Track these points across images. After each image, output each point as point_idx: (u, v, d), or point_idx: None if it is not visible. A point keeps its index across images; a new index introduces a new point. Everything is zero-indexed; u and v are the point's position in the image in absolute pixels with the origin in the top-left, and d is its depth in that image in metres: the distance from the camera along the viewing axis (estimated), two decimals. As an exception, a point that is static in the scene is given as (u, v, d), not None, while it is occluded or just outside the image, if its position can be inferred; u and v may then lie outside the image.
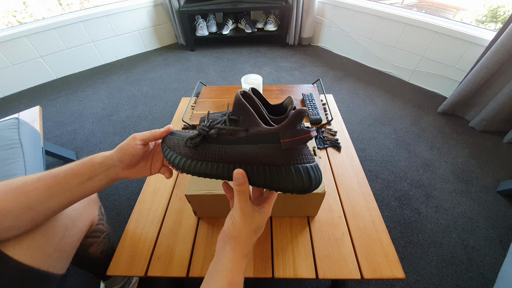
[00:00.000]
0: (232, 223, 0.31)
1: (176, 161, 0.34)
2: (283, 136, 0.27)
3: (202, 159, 0.32)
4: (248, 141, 0.29)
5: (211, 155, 0.31)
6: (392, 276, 0.49)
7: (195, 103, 0.89)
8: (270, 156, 0.28)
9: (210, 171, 0.31)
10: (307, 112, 0.27)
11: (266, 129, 0.28)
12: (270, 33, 2.14)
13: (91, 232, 0.55)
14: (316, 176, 0.28)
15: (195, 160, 0.32)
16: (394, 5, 1.72)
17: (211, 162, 0.31)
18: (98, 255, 0.60)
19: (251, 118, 0.29)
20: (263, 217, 0.32)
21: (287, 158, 0.27)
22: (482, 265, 0.82)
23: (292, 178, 0.27)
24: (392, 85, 1.69)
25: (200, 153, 0.32)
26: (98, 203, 0.59)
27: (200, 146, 0.33)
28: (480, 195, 1.02)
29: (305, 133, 0.26)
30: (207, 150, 0.32)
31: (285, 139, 0.27)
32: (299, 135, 0.26)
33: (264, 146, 0.28)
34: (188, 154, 0.33)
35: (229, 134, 0.31)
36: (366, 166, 1.14)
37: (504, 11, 2.01)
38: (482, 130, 1.31)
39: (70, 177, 0.36)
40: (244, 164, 0.30)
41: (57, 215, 0.44)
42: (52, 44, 1.74)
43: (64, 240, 0.45)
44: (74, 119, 1.48)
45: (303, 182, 0.27)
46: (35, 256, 0.40)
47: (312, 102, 0.82)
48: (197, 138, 0.33)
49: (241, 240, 0.31)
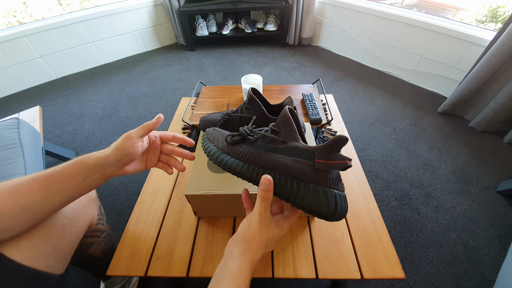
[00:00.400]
0: (248, 226, 0.31)
1: (212, 152, 0.36)
2: (319, 156, 0.28)
3: (236, 157, 0.34)
4: (284, 152, 0.31)
5: (245, 155, 0.33)
6: (392, 276, 0.49)
7: (195, 103, 0.89)
8: (301, 171, 0.28)
9: (240, 170, 0.33)
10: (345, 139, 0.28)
11: (304, 145, 0.30)
12: (270, 33, 2.14)
13: (91, 232, 0.55)
14: (342, 206, 0.27)
15: (230, 155, 0.35)
16: (394, 5, 1.72)
17: (243, 161, 0.33)
18: (98, 255, 0.60)
19: (292, 133, 0.31)
20: (278, 231, 0.32)
21: (318, 178, 0.28)
22: (482, 265, 0.82)
23: (318, 199, 0.27)
24: (392, 85, 1.70)
25: (236, 150, 0.34)
26: (98, 203, 0.59)
27: (238, 145, 0.35)
28: (480, 195, 1.02)
29: (341, 159, 0.27)
30: (243, 150, 0.34)
31: (320, 159, 0.27)
32: (334, 160, 0.27)
33: (298, 160, 0.29)
34: (224, 149, 0.36)
35: (267, 142, 0.33)
36: (366, 166, 1.14)
37: (504, 11, 2.01)
38: (482, 130, 1.31)
39: (66, 178, 0.36)
40: (274, 171, 0.30)
41: (54, 215, 0.44)
42: (52, 44, 1.74)
43: (62, 240, 0.45)
44: (74, 119, 1.48)
45: (328, 206, 0.27)
46: (32, 256, 0.40)
47: (312, 102, 0.82)
48: (237, 136, 0.35)
49: (252, 246, 0.30)
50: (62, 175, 0.36)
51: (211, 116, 0.67)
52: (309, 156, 0.28)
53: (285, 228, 0.33)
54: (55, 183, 0.35)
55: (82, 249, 0.54)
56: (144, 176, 1.09)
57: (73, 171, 0.36)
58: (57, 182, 0.35)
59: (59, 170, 0.36)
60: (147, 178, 0.69)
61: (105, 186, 1.08)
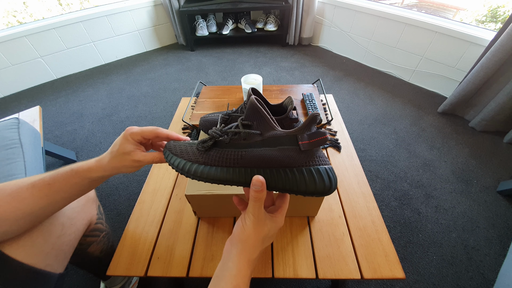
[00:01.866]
0: (243, 227, 0.31)
1: (186, 167, 0.32)
2: (302, 138, 0.27)
3: (215, 164, 0.31)
4: (265, 145, 0.29)
5: (225, 159, 0.30)
6: (392, 276, 0.49)
7: (195, 103, 0.89)
8: (289, 157, 0.28)
9: (226, 176, 0.30)
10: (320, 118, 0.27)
11: (283, 132, 0.28)
12: (270, 33, 2.14)
13: (90, 231, 0.55)
14: (334, 177, 0.28)
15: (208, 165, 0.31)
16: (394, 5, 1.72)
17: (226, 167, 0.30)
18: (97, 254, 0.60)
19: (266, 122, 0.29)
20: (274, 226, 0.32)
21: (307, 159, 0.27)
22: (482, 265, 0.82)
23: (314, 179, 0.27)
24: (392, 85, 1.70)
25: (213, 157, 0.31)
26: (97, 202, 0.59)
27: (213, 150, 0.32)
28: (480, 195, 1.02)
29: (321, 135, 0.27)
30: (221, 155, 0.31)
31: (304, 141, 0.27)
32: (316, 137, 0.27)
33: (283, 148, 0.28)
34: (199, 160, 0.32)
35: (243, 139, 0.31)
36: (366, 166, 1.14)
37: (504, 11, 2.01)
38: (482, 130, 1.31)
39: (68, 188, 0.36)
40: (263, 167, 0.29)
41: (54, 214, 0.44)
42: (52, 44, 1.74)
43: (62, 239, 0.45)
44: (74, 119, 1.48)
45: (324, 183, 0.27)
46: (32, 255, 0.40)
47: (312, 102, 0.82)
48: (209, 141, 0.32)
49: (249, 245, 0.30)
50: (63, 184, 0.36)
51: (211, 116, 0.67)
52: (291, 141, 0.28)
53: (280, 220, 0.33)
54: (57, 191, 0.36)
55: (82, 248, 0.54)
56: (144, 176, 1.09)
57: (76, 183, 0.36)
58: (59, 190, 0.36)
59: (59, 179, 0.36)
60: (147, 178, 0.69)
61: (105, 186, 1.08)
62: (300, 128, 0.27)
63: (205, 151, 0.32)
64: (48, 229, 0.43)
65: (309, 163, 0.27)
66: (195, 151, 0.33)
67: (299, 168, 0.27)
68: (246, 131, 0.30)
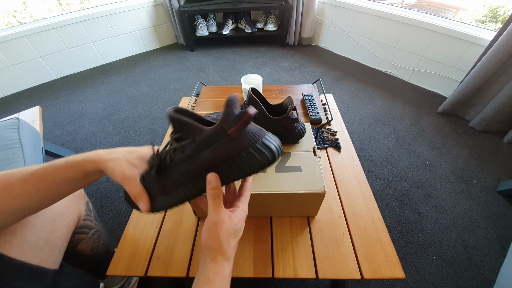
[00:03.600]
0: (208, 233, 0.30)
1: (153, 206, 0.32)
2: (228, 127, 0.27)
3: (171, 189, 0.31)
4: (201, 149, 0.29)
5: (175, 181, 0.30)
6: (392, 276, 0.49)
7: (195, 103, 0.89)
8: (227, 150, 0.28)
9: (186, 194, 0.31)
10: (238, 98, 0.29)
11: (209, 129, 0.29)
12: (270, 33, 2.14)
13: (79, 228, 0.55)
14: (274, 145, 0.29)
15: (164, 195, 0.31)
16: (394, 5, 1.72)
17: (181, 186, 0.31)
18: (88, 252, 0.59)
19: (191, 127, 0.30)
20: (239, 219, 0.31)
21: (242, 143, 0.28)
22: (482, 265, 0.82)
23: (256, 158, 0.28)
24: (392, 85, 1.70)
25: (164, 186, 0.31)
26: (85, 199, 0.59)
27: (160, 179, 0.31)
28: (480, 195, 1.02)
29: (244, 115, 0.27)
30: (170, 179, 0.31)
31: (231, 129, 0.27)
32: (240, 119, 0.27)
33: (217, 144, 0.28)
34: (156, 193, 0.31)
35: (180, 152, 0.30)
36: (366, 166, 1.14)
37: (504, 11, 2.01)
38: (482, 130, 1.31)
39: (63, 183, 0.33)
40: (210, 170, 0.29)
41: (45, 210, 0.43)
42: (52, 44, 1.74)
43: (54, 234, 0.45)
44: (74, 119, 1.48)
45: (266, 156, 0.28)
46: (26, 251, 0.40)
47: (312, 102, 0.82)
48: (151, 171, 0.31)
49: (220, 249, 0.30)
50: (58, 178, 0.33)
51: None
52: (222, 134, 0.28)
53: (244, 208, 0.33)
54: (49, 186, 0.33)
55: (71, 246, 0.54)
56: (144, 176, 1.09)
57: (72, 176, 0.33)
58: (52, 186, 0.33)
59: (53, 172, 0.33)
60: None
61: (105, 186, 1.08)
62: (222, 118, 0.28)
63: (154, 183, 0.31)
64: (40, 225, 0.43)
65: (245, 145, 0.28)
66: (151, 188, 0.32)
67: (239, 154, 0.28)
68: (179, 144, 0.30)
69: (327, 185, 0.65)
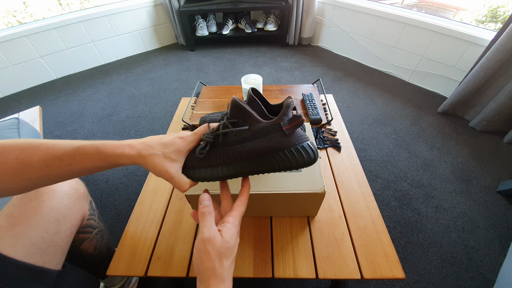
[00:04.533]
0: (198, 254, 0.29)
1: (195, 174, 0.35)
2: (284, 124, 0.32)
3: (218, 164, 0.34)
4: (255, 137, 0.33)
5: (226, 158, 0.34)
6: (392, 276, 0.49)
7: (195, 103, 0.89)
8: (278, 143, 0.33)
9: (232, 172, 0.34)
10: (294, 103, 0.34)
11: (268, 122, 0.33)
12: (270, 33, 2.14)
13: (82, 227, 0.55)
14: (316, 150, 0.34)
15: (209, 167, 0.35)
16: (394, 5, 1.72)
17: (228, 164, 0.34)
18: (91, 251, 0.60)
19: (252, 118, 0.34)
20: (230, 235, 0.30)
21: (292, 140, 0.33)
22: (482, 265, 0.82)
23: (302, 155, 0.33)
24: (392, 85, 1.70)
25: (213, 159, 0.35)
26: (89, 198, 0.59)
27: (212, 153, 0.35)
28: (480, 195, 1.02)
29: (299, 118, 0.32)
30: (221, 155, 0.34)
31: (286, 126, 0.32)
32: (295, 121, 0.32)
33: (271, 136, 0.33)
34: (203, 164, 0.35)
35: (233, 135, 0.34)
36: (366, 166, 1.14)
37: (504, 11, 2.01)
38: (482, 130, 1.31)
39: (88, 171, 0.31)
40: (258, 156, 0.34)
41: (49, 211, 0.44)
42: (52, 44, 1.74)
43: (58, 235, 0.45)
44: (74, 119, 1.48)
45: (310, 156, 0.33)
46: (30, 253, 0.40)
47: (312, 102, 0.82)
48: (206, 147, 0.35)
49: (213, 271, 0.29)
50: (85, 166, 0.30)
51: (211, 116, 0.67)
52: (277, 129, 0.33)
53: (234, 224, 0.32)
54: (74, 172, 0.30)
55: (75, 245, 0.54)
56: (144, 176, 1.09)
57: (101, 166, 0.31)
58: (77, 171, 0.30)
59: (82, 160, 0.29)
60: (147, 178, 0.69)
61: (105, 186, 1.08)
62: (281, 116, 0.33)
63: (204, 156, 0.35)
64: (45, 227, 0.43)
65: (294, 142, 0.33)
66: (196, 158, 0.35)
67: (288, 148, 0.33)
68: (236, 129, 0.34)
69: (327, 185, 0.65)
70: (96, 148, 0.30)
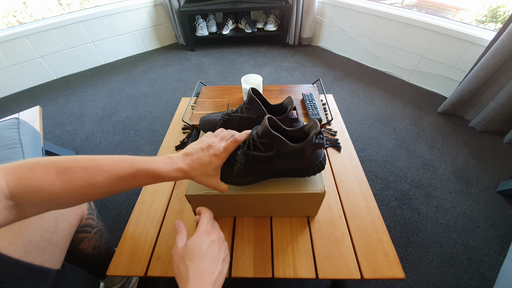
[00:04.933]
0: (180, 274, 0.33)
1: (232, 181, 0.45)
2: (306, 149, 0.41)
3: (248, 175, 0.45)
4: (280, 157, 0.43)
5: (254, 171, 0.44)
6: (392, 276, 0.49)
7: (195, 103, 0.89)
8: (299, 162, 0.44)
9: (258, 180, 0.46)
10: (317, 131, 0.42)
11: (293, 147, 0.41)
12: (270, 33, 2.14)
13: (81, 226, 0.55)
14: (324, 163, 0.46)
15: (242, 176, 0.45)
16: (394, 5, 1.72)
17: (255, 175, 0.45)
18: (90, 251, 0.60)
19: (280, 141, 0.41)
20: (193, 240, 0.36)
21: (310, 160, 0.44)
22: (482, 265, 0.82)
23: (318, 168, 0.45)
24: (392, 85, 1.70)
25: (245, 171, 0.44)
26: None
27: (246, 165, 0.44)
28: (480, 195, 1.02)
29: (320, 145, 0.42)
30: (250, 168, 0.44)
31: (308, 150, 0.42)
32: (315, 146, 0.41)
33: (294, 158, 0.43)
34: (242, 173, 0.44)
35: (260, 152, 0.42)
36: (366, 166, 1.14)
37: (504, 11, 2.01)
38: (482, 130, 1.31)
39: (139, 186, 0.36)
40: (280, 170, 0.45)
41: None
42: (52, 44, 1.74)
43: (56, 234, 0.45)
44: (74, 119, 1.48)
45: (321, 168, 0.46)
46: (28, 252, 0.40)
47: (312, 102, 0.82)
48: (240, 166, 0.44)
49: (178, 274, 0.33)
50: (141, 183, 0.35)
51: (211, 116, 0.67)
52: (299, 152, 0.42)
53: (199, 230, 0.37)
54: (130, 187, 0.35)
55: (73, 245, 0.54)
56: (144, 176, 1.09)
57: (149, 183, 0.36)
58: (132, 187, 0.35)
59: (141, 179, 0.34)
60: (147, 178, 0.69)
61: (105, 186, 1.08)
62: (306, 142, 0.40)
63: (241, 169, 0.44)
64: (43, 226, 0.43)
65: (313, 161, 0.44)
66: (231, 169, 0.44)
67: (308, 166, 0.44)
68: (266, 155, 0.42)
69: (327, 185, 0.65)
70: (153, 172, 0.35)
